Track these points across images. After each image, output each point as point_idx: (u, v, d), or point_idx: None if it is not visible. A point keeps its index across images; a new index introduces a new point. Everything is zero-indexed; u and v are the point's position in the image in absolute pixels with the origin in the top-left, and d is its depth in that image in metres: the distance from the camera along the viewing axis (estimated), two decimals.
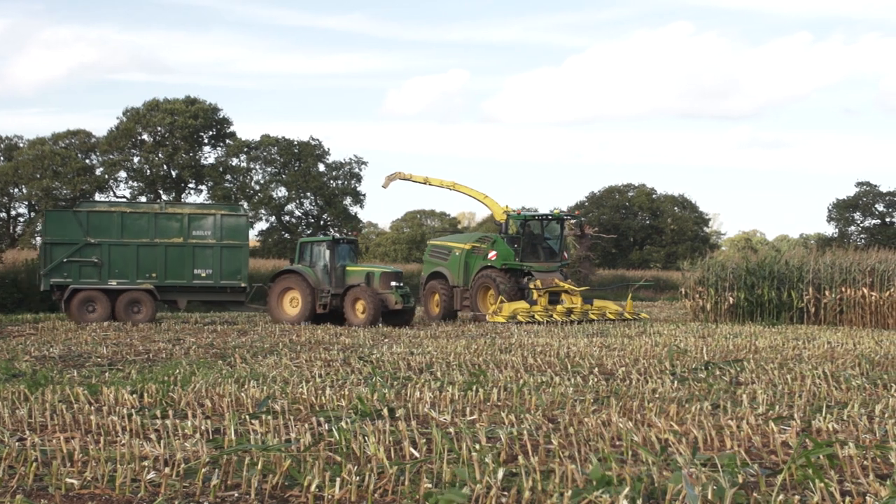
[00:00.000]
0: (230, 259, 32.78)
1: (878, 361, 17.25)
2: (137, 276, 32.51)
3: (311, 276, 32.85)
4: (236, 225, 33.03)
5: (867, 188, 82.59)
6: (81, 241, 32.45)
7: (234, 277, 32.73)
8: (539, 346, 21.30)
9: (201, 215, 33.04)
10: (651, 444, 9.00)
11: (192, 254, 32.67)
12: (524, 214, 37.20)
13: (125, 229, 32.68)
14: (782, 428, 9.76)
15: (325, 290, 32.77)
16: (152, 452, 8.68)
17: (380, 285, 32.56)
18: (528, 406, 11.68)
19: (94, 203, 35.08)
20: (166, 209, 33.29)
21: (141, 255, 32.56)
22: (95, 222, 32.61)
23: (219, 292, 33.24)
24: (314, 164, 74.87)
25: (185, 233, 32.70)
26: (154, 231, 32.69)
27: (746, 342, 21.87)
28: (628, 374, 15.19)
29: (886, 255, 36.33)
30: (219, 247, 32.69)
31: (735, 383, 14.18)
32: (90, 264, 32.48)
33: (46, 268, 32.53)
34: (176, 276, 32.66)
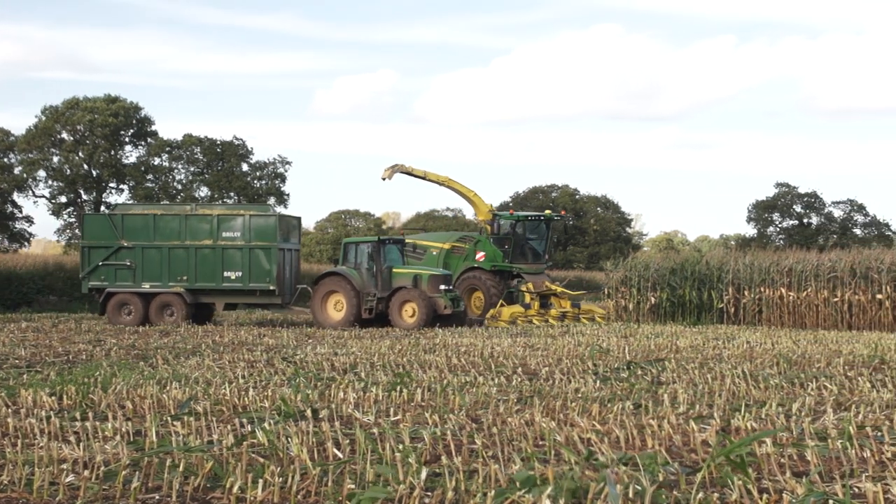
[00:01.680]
0: (259, 261, 32.06)
1: (795, 361, 17.53)
2: (169, 279, 32.09)
3: (355, 278, 31.81)
4: (265, 226, 32.23)
5: (786, 189, 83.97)
6: (116, 244, 32.19)
7: (262, 280, 32.00)
8: (463, 346, 21.34)
9: (231, 216, 32.42)
10: (574, 444, 9.06)
11: (221, 256, 32.10)
12: (517, 215, 36.91)
13: (157, 232, 32.35)
14: (702, 427, 9.88)
15: (371, 292, 31.73)
16: (71, 455, 8.55)
17: (428, 288, 31.59)
18: (452, 406, 11.70)
19: (130, 206, 34.48)
20: (197, 210, 32.80)
21: (172, 258, 32.16)
22: (130, 225, 32.40)
23: (248, 295, 32.65)
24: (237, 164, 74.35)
25: (215, 234, 32.21)
26: (185, 233, 32.24)
27: (668, 342, 22.11)
28: (551, 374, 15.28)
29: (804, 256, 36.96)
30: (247, 248, 32.04)
31: (656, 383, 14.32)
32: (124, 267, 32.14)
33: (85, 271, 32.36)
34: (206, 279, 32.16)
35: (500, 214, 37.44)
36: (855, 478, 7.67)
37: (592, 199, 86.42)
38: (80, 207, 72.58)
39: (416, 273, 32.27)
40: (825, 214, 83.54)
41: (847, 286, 34.49)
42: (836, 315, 34.17)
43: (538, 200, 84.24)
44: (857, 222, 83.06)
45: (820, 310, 34.70)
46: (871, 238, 77.84)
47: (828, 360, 17.58)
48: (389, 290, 31.84)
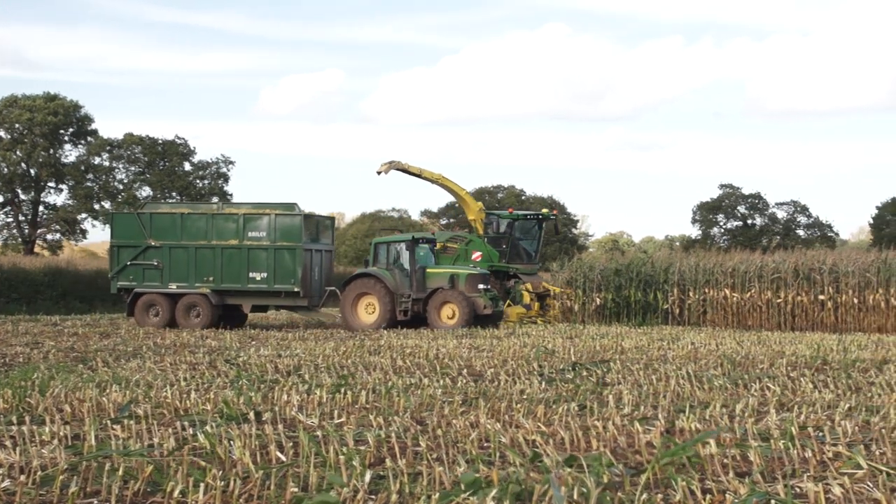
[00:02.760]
0: (284, 261, 31.43)
1: (739, 362, 17.71)
2: (196, 279, 31.56)
3: (389, 279, 31.12)
4: (290, 225, 31.59)
5: (730, 190, 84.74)
6: (143, 243, 31.70)
7: (287, 281, 31.37)
8: (408, 347, 21.33)
9: (256, 216, 31.79)
10: (519, 446, 9.08)
11: (247, 256, 31.52)
12: (516, 213, 36.54)
13: (184, 231, 31.81)
14: (647, 428, 9.95)
15: (406, 294, 31.08)
16: (7, 460, 8.44)
17: (466, 288, 30.97)
18: (397, 408, 11.68)
19: (158, 204, 33.81)
20: (223, 209, 32.24)
21: (199, 258, 31.62)
22: (158, 224, 31.90)
23: (273, 296, 31.95)
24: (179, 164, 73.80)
25: (241, 234, 31.66)
26: (211, 233, 31.71)
27: (613, 343, 22.24)
28: (497, 376, 15.30)
29: (747, 257, 37.39)
30: (273, 249, 31.43)
31: (602, 384, 14.40)
32: (152, 267, 31.66)
33: (114, 271, 31.93)
34: (232, 280, 31.60)
35: (497, 213, 37.07)
36: (797, 478, 7.76)
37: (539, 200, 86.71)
38: (17, 207, 71.67)
39: (452, 272, 31.68)
40: (769, 215, 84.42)
41: (790, 287, 34.93)
42: (780, 316, 34.59)
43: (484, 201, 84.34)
44: (801, 223, 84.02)
45: (763, 311, 35.12)
46: (814, 239, 78.79)
47: (771, 360, 17.78)
48: (424, 290, 31.22)
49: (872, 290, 34.08)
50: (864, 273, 34.47)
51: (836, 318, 34.50)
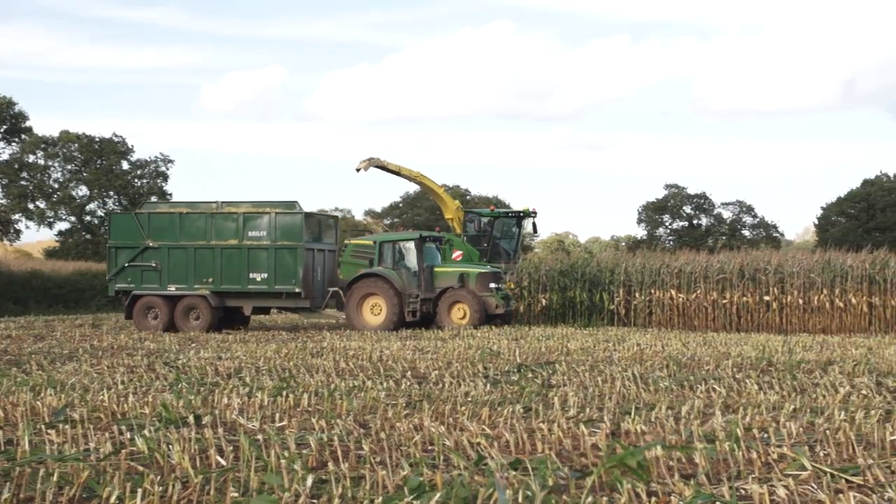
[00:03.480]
0: (284, 261, 30.93)
1: (684, 363, 17.85)
2: (195, 280, 31.08)
3: (396, 279, 30.70)
4: (291, 224, 31.11)
5: (675, 190, 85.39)
6: (142, 244, 31.23)
7: (288, 282, 30.87)
8: (351, 349, 21.29)
9: (256, 214, 31.28)
10: (463, 449, 9.09)
11: (247, 256, 31.03)
12: (497, 211, 36.17)
13: (183, 231, 31.31)
14: (592, 430, 10.00)
15: (413, 294, 30.68)
16: None
17: (477, 287, 30.61)
18: (340, 411, 11.66)
19: (156, 204, 33.06)
20: (222, 208, 31.62)
21: (198, 259, 31.14)
22: (156, 224, 31.43)
23: (273, 297, 31.43)
24: (117, 162, 73.11)
25: (241, 234, 31.16)
26: (210, 232, 31.22)
27: (559, 344, 22.33)
28: (441, 378, 15.31)
29: (693, 257, 37.69)
30: (273, 248, 30.94)
31: (547, 386, 14.45)
32: (150, 269, 31.17)
33: (112, 273, 31.42)
34: (232, 281, 31.10)
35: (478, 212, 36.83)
36: (742, 479, 7.84)
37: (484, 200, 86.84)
38: None
39: (462, 271, 31.40)
40: (714, 216, 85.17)
41: (735, 288, 35.26)
42: (725, 317, 34.89)
43: (429, 201, 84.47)
44: (746, 224, 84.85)
45: (709, 311, 35.43)
46: (760, 239, 79.63)
47: (717, 362, 17.94)
48: (433, 290, 30.90)
49: (817, 290, 34.49)
50: (808, 274, 34.88)
51: (781, 319, 34.88)
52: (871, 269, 34.56)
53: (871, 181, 78.88)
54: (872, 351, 20.70)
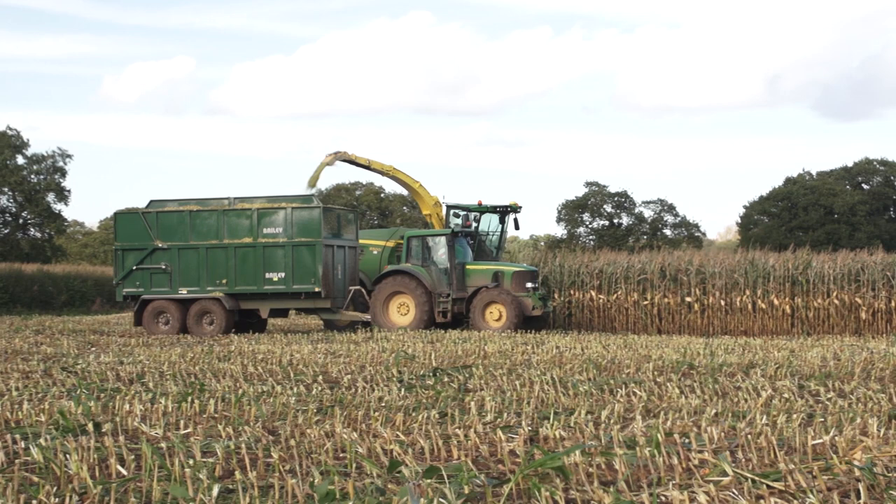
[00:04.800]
0: (302, 259, 30.31)
1: (605, 366, 18.01)
2: (208, 283, 30.38)
3: (425, 277, 30.17)
4: (309, 220, 30.53)
5: (596, 189, 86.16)
6: (150, 245, 30.55)
7: (307, 281, 30.30)
8: (260, 353, 21.16)
9: (271, 210, 30.69)
10: (376, 456, 9.09)
11: (262, 255, 30.39)
12: (484, 206, 35.71)
13: (194, 230, 30.65)
14: (510, 436, 10.05)
15: (444, 293, 30.13)
16: None
17: (512, 287, 30.03)
18: (248, 418, 11.58)
19: (164, 202, 31.96)
20: (235, 205, 30.94)
21: (210, 260, 30.45)
22: (165, 224, 30.78)
23: (292, 298, 30.81)
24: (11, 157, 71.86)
25: (255, 231, 30.51)
26: (223, 231, 30.55)
27: (475, 347, 22.41)
28: (354, 382, 15.29)
29: (614, 258, 38.06)
30: (290, 245, 30.33)
31: (463, 390, 14.49)
32: (160, 271, 30.47)
33: (119, 276, 30.69)
34: (247, 282, 30.51)
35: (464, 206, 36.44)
36: (662, 486, 7.93)
37: (399, 198, 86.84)
38: None
39: (496, 269, 30.92)
40: (636, 215, 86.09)
41: (656, 289, 35.68)
42: (646, 318, 35.26)
43: (341, 198, 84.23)
44: (668, 223, 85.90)
45: (630, 313, 35.81)
46: (681, 239, 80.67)
47: (637, 365, 18.12)
48: (465, 289, 30.36)
49: (739, 291, 35.04)
50: (731, 274, 35.42)
51: (703, 320, 35.39)
52: (793, 269, 35.21)
53: (793, 179, 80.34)
54: (795, 353, 21.07)
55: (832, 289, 34.66)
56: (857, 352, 21.53)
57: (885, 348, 22.89)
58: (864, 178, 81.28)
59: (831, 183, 78.51)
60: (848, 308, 34.54)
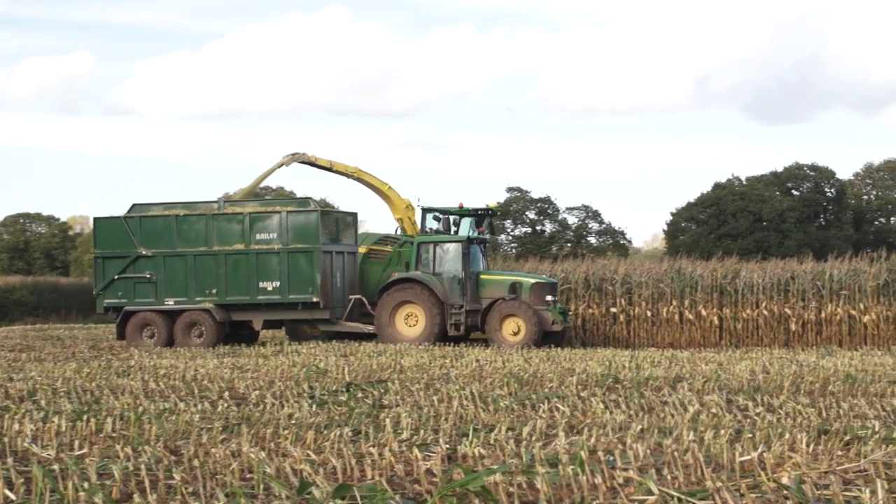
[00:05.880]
0: (299, 267, 29.67)
1: (526, 380, 18.07)
2: (196, 293, 29.62)
3: (437, 286, 29.57)
4: (305, 224, 30.01)
5: (518, 194, 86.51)
6: (133, 253, 29.78)
7: (304, 290, 29.71)
8: (162, 368, 20.96)
9: (264, 214, 30.14)
10: (285, 476, 9.03)
11: (255, 263, 29.70)
12: (465, 209, 35.17)
13: (181, 236, 29.91)
14: (427, 454, 10.04)
15: (457, 304, 29.56)
16: None
17: (531, 299, 29.54)
18: (148, 437, 11.46)
19: (148, 206, 31.11)
20: (225, 209, 30.23)
21: (199, 268, 29.70)
22: (149, 229, 30.08)
23: (287, 309, 30.16)
24: None
25: (247, 237, 29.85)
26: (212, 237, 29.82)
27: (391, 361, 22.38)
28: (262, 399, 15.19)
29: (536, 266, 38.25)
30: (285, 252, 29.71)
31: (378, 406, 14.46)
32: (144, 280, 29.72)
33: (100, 286, 29.95)
34: (239, 292, 29.85)
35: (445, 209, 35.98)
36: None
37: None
38: None
39: (514, 280, 30.49)
40: (559, 221, 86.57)
41: (580, 299, 35.91)
42: (570, 330, 35.42)
43: None
44: (592, 230, 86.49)
45: None
46: (607, 247, 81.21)
47: (560, 379, 18.21)
48: (478, 300, 29.94)
49: (666, 302, 35.40)
50: (657, 284, 35.77)
51: (628, 332, 35.70)
52: (721, 278, 35.66)
53: (722, 185, 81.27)
54: (723, 366, 21.32)
55: (761, 299, 35.15)
56: (786, 365, 21.85)
57: (814, 361, 23.25)
58: (795, 183, 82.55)
59: (761, 189, 79.61)
60: (777, 319, 35.05)
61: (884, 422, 12.56)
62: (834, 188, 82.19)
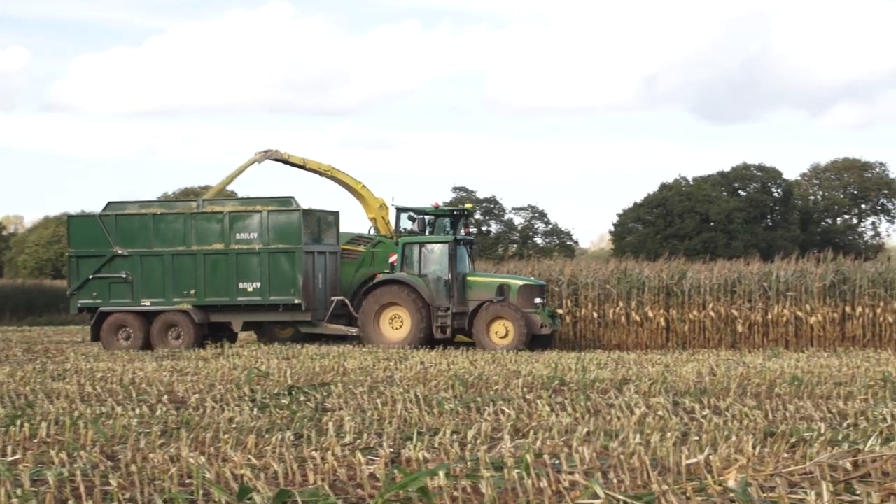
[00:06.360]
0: (280, 268, 29.29)
1: (471, 383, 18.10)
2: (174, 293, 29.20)
3: (423, 287, 29.30)
4: (287, 224, 29.70)
5: (464, 194, 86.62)
6: (109, 252, 29.34)
7: (286, 291, 29.37)
8: (99, 371, 20.80)
9: (245, 213, 29.79)
10: (226, 481, 8.99)
11: (235, 263, 29.32)
12: (441, 209, 34.77)
13: (158, 235, 29.52)
14: (370, 459, 10.03)
15: (444, 306, 29.32)
16: None
17: (519, 301, 29.35)
18: (84, 442, 11.37)
19: (124, 204, 30.55)
20: (204, 208, 29.83)
21: (176, 268, 29.29)
22: (125, 228, 29.69)
23: (268, 311, 29.82)
24: None
25: (227, 237, 29.51)
26: (191, 236, 29.43)
27: (334, 363, 22.34)
28: (202, 402, 15.13)
29: (482, 267, 38.28)
30: (266, 252, 29.34)
31: (321, 410, 14.45)
32: (120, 280, 29.29)
33: (73, 286, 29.49)
34: (218, 293, 29.50)
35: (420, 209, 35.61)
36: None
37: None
38: None
39: (501, 282, 30.30)
40: (505, 222, 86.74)
41: None
42: None
43: None
44: (539, 230, 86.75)
45: None
46: (553, 248, 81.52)
47: (506, 381, 18.26)
48: (464, 302, 29.81)
49: (612, 303, 35.55)
50: (603, 285, 35.91)
51: (574, 333, 35.80)
52: (668, 280, 35.86)
53: (668, 185, 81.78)
54: (669, 368, 21.46)
55: (708, 300, 35.39)
56: (732, 366, 22.03)
57: (761, 363, 23.47)
58: (742, 183, 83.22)
59: (707, 189, 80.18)
60: (724, 320, 35.30)
61: (829, 424, 12.70)
62: (781, 188, 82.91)
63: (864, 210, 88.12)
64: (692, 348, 33.85)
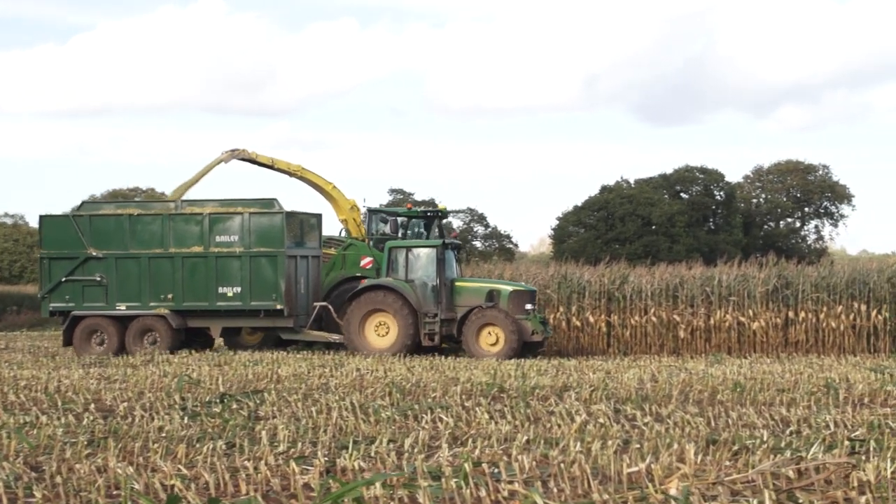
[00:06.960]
0: (262, 272, 28.80)
1: (409, 390, 18.12)
2: (151, 297, 28.66)
3: (410, 293, 28.94)
4: (269, 226, 29.16)
5: (401, 196, 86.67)
6: (82, 254, 28.68)
7: (267, 297, 28.85)
8: (23, 379, 20.58)
9: (225, 216, 29.20)
10: (155, 492, 8.94)
11: (214, 267, 28.81)
12: (414, 210, 34.23)
13: (134, 237, 28.92)
14: (304, 468, 10.01)
15: (431, 313, 29.03)
16: None
17: (510, 307, 29.06)
18: (7, 452, 11.27)
19: (99, 204, 29.95)
20: (183, 209, 29.17)
21: (153, 271, 28.75)
22: (99, 229, 29.05)
23: (249, 316, 29.36)
24: None
25: (206, 239, 28.91)
26: (168, 238, 28.84)
27: (268, 370, 22.26)
28: (131, 411, 15.04)
29: None
30: (247, 256, 28.82)
31: (254, 418, 14.40)
32: (94, 283, 28.67)
33: (45, 289, 28.87)
34: (196, 297, 28.94)
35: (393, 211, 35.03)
36: None
37: None
38: None
39: (491, 288, 30.02)
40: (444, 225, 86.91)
41: None
42: None
43: None
44: (478, 234, 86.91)
45: None
46: (492, 252, 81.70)
47: (444, 388, 18.29)
48: (452, 308, 29.58)
49: (553, 308, 35.62)
50: (543, 290, 36.00)
51: None
52: (609, 284, 36.00)
53: (609, 188, 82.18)
54: (611, 375, 21.58)
55: (650, 305, 35.56)
56: (675, 373, 22.19)
57: (703, 369, 23.67)
58: (684, 186, 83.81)
59: (649, 192, 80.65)
60: (666, 326, 35.48)
61: (772, 431, 12.84)
62: (723, 191, 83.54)
63: (808, 213, 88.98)
64: (634, 354, 34.03)
